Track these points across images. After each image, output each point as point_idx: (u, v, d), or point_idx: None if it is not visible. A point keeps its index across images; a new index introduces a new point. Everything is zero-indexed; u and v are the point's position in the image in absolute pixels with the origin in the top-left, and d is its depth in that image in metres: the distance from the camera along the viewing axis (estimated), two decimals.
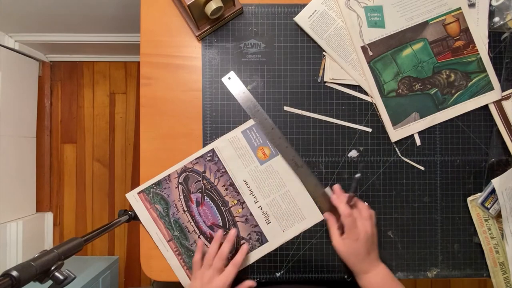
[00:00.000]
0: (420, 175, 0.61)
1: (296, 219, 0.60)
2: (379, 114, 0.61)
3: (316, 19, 0.60)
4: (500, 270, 0.60)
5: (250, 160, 0.60)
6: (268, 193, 0.60)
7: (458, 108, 0.61)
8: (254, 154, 0.59)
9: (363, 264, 0.53)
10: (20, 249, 1.25)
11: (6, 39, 1.23)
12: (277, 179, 0.60)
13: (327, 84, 0.61)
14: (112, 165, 1.48)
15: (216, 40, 0.61)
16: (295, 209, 0.60)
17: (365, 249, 0.52)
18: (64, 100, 1.49)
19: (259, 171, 0.60)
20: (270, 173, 0.60)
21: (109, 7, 1.03)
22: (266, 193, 0.60)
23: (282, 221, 0.60)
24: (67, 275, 0.41)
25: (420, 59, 0.60)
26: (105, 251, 1.46)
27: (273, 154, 0.60)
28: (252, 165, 0.60)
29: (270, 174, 0.60)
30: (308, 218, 0.60)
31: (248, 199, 0.59)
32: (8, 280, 0.34)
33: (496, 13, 0.60)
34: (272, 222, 0.59)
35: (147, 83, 0.61)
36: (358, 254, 0.52)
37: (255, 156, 0.60)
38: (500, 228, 0.60)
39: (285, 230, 0.59)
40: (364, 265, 0.53)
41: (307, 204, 0.59)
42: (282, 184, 0.60)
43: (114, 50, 1.40)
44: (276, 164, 0.60)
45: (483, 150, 0.61)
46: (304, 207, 0.60)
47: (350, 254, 0.53)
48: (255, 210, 0.59)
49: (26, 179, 1.37)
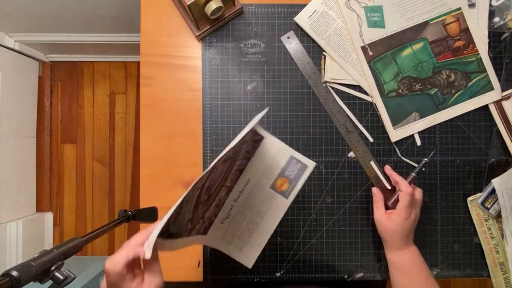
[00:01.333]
0: (420, 175, 0.61)
1: (238, 243, 0.58)
2: (379, 114, 0.61)
3: (316, 19, 0.60)
4: (500, 270, 0.60)
5: (268, 176, 0.59)
6: (247, 205, 0.58)
7: (458, 108, 0.61)
8: (275, 177, 0.58)
9: (401, 241, 0.54)
10: (20, 249, 1.25)
11: (6, 39, 1.23)
12: (264, 209, 0.59)
13: (327, 84, 0.61)
14: (112, 165, 1.49)
15: (216, 40, 0.61)
16: (245, 237, 0.58)
17: (410, 229, 0.54)
18: (64, 100, 1.49)
19: (262, 191, 0.59)
20: (266, 201, 0.59)
21: (109, 7, 1.03)
22: (245, 204, 0.58)
23: (228, 232, 0.58)
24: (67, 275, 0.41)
25: (420, 59, 0.60)
26: (105, 251, 1.46)
27: (284, 194, 0.59)
28: (264, 181, 0.59)
29: (266, 202, 0.59)
30: (243, 253, 0.58)
31: (234, 192, 0.57)
32: (8, 280, 0.34)
33: (496, 13, 0.60)
34: (224, 225, 0.57)
35: (147, 83, 0.61)
36: (402, 232, 0.53)
37: (274, 180, 0.59)
38: (500, 228, 0.60)
39: (222, 239, 0.58)
40: (401, 242, 0.54)
41: (254, 249, 0.58)
42: (261, 215, 0.58)
43: (114, 50, 1.40)
44: (277, 204, 0.59)
45: (483, 150, 0.61)
46: (250, 247, 0.58)
47: (393, 231, 0.53)
48: (228, 203, 0.57)
49: (26, 179, 1.37)
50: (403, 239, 0.53)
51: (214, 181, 0.52)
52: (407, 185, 0.54)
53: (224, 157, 0.47)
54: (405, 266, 0.53)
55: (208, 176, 0.48)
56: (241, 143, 0.49)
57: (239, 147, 0.51)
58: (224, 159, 0.48)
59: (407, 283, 0.53)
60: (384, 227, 0.54)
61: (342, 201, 0.60)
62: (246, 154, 0.56)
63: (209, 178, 0.50)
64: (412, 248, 0.55)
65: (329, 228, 0.61)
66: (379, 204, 0.56)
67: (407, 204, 0.53)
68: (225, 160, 0.50)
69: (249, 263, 0.57)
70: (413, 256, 0.54)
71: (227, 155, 0.48)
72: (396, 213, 0.53)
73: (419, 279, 0.53)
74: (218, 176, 0.53)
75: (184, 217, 0.48)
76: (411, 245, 0.55)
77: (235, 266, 0.60)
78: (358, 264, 0.60)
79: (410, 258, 0.54)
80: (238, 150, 0.52)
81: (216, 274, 0.60)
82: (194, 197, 0.48)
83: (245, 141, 0.51)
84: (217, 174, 0.52)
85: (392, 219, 0.53)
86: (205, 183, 0.49)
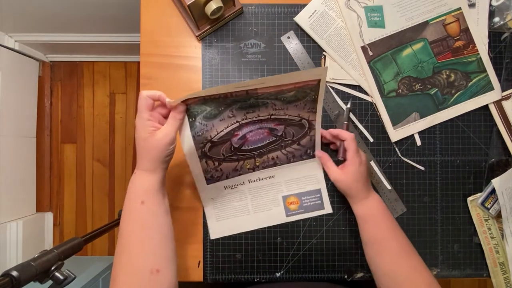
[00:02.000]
0: (420, 175, 0.61)
1: (220, 213, 0.60)
2: (379, 114, 0.61)
3: (316, 19, 0.60)
4: (500, 270, 0.60)
5: (288, 187, 0.60)
6: (253, 193, 0.60)
7: (458, 108, 0.61)
8: (292, 192, 0.60)
9: (364, 189, 0.53)
10: (20, 249, 1.25)
11: (6, 39, 1.23)
12: (263, 207, 0.60)
13: (327, 84, 0.61)
14: (112, 165, 1.49)
15: (216, 40, 0.61)
16: (229, 214, 0.60)
17: (366, 173, 0.54)
18: (64, 100, 1.49)
19: (275, 194, 0.60)
20: (270, 203, 0.61)
21: (109, 7, 1.03)
22: (253, 191, 0.60)
23: (220, 199, 0.60)
24: (67, 275, 0.41)
25: (420, 59, 0.60)
26: (105, 251, 1.46)
27: (287, 211, 0.60)
28: (282, 188, 0.60)
29: (269, 204, 0.60)
30: (216, 224, 0.60)
31: (255, 174, 0.59)
32: (8, 280, 0.34)
33: (496, 13, 0.60)
34: (224, 191, 0.59)
35: (147, 83, 0.61)
36: (361, 178, 0.53)
37: (290, 194, 0.60)
38: (500, 228, 0.60)
39: (212, 199, 0.60)
40: (364, 190, 0.53)
41: (225, 228, 0.60)
42: (256, 209, 0.60)
43: (114, 50, 1.40)
44: (275, 213, 0.60)
45: (483, 150, 0.61)
46: (225, 224, 0.60)
47: (354, 181, 0.53)
48: (243, 178, 0.59)
49: (26, 179, 1.37)
50: (365, 186, 0.53)
51: (252, 140, 0.55)
52: (347, 132, 0.54)
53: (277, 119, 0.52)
54: (372, 215, 0.53)
55: (253, 125, 0.53)
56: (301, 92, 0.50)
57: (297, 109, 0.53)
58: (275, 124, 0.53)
59: (376, 233, 0.52)
60: (345, 181, 0.53)
61: (342, 201, 0.60)
62: (292, 143, 0.57)
63: (252, 131, 0.54)
64: (375, 195, 0.55)
65: (329, 228, 0.61)
66: (329, 164, 0.56)
67: (356, 149, 0.53)
68: (272, 128, 0.54)
69: (213, 234, 0.60)
70: (378, 203, 0.54)
71: (281, 121, 0.53)
72: (349, 162, 0.53)
73: (388, 228, 0.52)
74: (258, 141, 0.55)
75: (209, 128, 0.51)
76: (373, 193, 0.55)
77: (235, 266, 0.60)
78: (358, 264, 0.60)
79: (376, 205, 0.53)
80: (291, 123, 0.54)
81: (216, 274, 0.60)
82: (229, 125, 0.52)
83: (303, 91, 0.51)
84: (259, 138, 0.55)
85: (348, 171, 0.53)
86: (245, 134, 0.53)
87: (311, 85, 0.49)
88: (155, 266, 0.42)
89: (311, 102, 0.52)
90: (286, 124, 0.54)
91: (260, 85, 0.46)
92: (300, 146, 0.58)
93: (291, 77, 0.46)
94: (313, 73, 0.47)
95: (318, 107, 0.52)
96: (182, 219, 0.60)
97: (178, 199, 0.60)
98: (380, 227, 0.52)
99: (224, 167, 0.57)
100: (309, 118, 0.54)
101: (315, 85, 0.49)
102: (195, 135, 0.50)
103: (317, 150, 0.58)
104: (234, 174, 0.58)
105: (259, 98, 0.49)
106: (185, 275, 0.60)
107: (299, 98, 0.51)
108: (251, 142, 0.55)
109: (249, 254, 0.60)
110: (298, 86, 0.48)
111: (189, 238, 0.60)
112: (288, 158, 0.59)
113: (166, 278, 0.43)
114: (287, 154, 0.58)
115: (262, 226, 0.60)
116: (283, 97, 0.50)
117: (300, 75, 0.46)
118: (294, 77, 0.46)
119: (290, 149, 0.58)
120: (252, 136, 0.55)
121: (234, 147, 0.54)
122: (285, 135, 0.56)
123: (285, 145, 0.57)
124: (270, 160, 0.58)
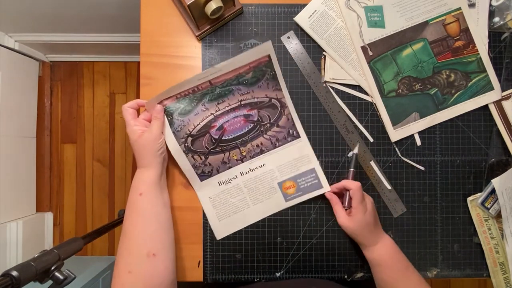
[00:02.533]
0: (420, 175, 0.61)
1: (221, 212, 0.60)
2: (379, 114, 0.61)
3: (316, 19, 0.60)
4: (500, 270, 0.60)
5: (282, 172, 0.60)
6: (249, 185, 0.60)
7: (458, 108, 0.61)
8: (288, 177, 0.59)
9: (372, 235, 0.54)
10: (20, 249, 1.25)
11: (6, 39, 1.23)
12: (261, 197, 0.60)
13: (327, 84, 0.61)
14: (112, 165, 1.49)
15: (216, 40, 0.61)
16: (230, 211, 0.60)
17: (373, 220, 0.54)
18: (64, 100, 1.49)
19: (270, 181, 0.60)
20: (267, 192, 0.60)
21: (109, 7, 1.03)
22: (247, 183, 0.60)
23: (218, 198, 0.60)
24: (67, 275, 0.41)
25: (420, 59, 0.60)
26: (105, 251, 1.46)
27: (286, 197, 0.60)
28: (277, 174, 0.60)
29: (266, 193, 0.60)
30: (219, 223, 0.60)
31: (245, 165, 0.59)
32: (8, 280, 0.34)
33: (496, 13, 0.60)
34: (219, 188, 0.60)
35: (147, 83, 0.61)
36: (369, 226, 0.54)
37: (285, 179, 0.59)
38: (500, 228, 0.60)
39: (210, 198, 0.60)
40: (373, 236, 0.54)
41: (229, 226, 0.61)
42: (254, 201, 0.60)
43: (114, 50, 1.40)
44: (274, 201, 0.60)
45: (483, 150, 0.61)
46: (228, 222, 0.60)
47: (361, 228, 0.54)
48: (235, 170, 0.59)
49: (26, 179, 1.37)
50: (372, 233, 0.54)
51: (231, 130, 0.58)
52: (353, 182, 0.55)
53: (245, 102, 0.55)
54: (384, 260, 0.54)
55: (227, 114, 0.56)
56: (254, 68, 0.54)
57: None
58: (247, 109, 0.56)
59: (389, 277, 0.53)
60: (351, 228, 0.54)
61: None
62: (272, 126, 0.58)
63: (229, 121, 0.57)
64: (386, 239, 0.55)
65: (329, 228, 0.61)
66: (337, 208, 0.57)
67: (360, 199, 0.53)
68: (247, 114, 0.57)
69: (219, 235, 0.60)
70: (389, 248, 0.54)
71: (249, 102, 0.56)
72: (354, 211, 0.54)
73: (399, 270, 0.53)
74: (237, 130, 0.58)
75: (186, 123, 0.56)
76: (383, 237, 0.55)
77: (235, 266, 0.60)
78: (358, 264, 0.60)
79: (386, 250, 0.54)
80: (260, 106, 0.57)
81: (216, 274, 0.60)
82: (204, 118, 0.56)
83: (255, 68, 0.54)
84: (237, 126, 0.58)
85: (354, 219, 0.54)
86: (222, 124, 0.57)
87: (264, 62, 0.54)
88: (151, 250, 0.47)
89: (272, 79, 0.55)
90: (258, 108, 0.57)
91: (219, 72, 0.52)
92: (280, 128, 0.59)
93: (242, 58, 0.51)
94: (259, 49, 0.52)
95: (280, 83, 0.56)
96: (182, 219, 0.60)
97: (178, 199, 0.60)
98: (392, 270, 0.53)
99: (212, 160, 0.59)
100: (277, 97, 0.57)
101: (267, 61, 0.54)
102: (175, 131, 0.55)
103: (326, 192, 0.59)
104: (224, 167, 0.59)
105: (224, 86, 0.54)
106: (185, 275, 0.60)
107: (259, 78, 0.55)
108: (230, 132, 0.58)
109: (249, 254, 0.60)
110: (252, 66, 0.53)
111: (189, 238, 0.60)
112: (273, 143, 0.59)
113: (162, 262, 0.48)
114: (270, 139, 0.59)
115: (264, 216, 0.60)
116: (244, 80, 0.54)
117: (248, 55, 0.52)
118: (245, 58, 0.52)
119: (272, 133, 0.59)
120: (229, 125, 0.58)
121: (214, 138, 0.58)
122: (262, 119, 0.58)
123: (265, 130, 0.58)
124: (255, 148, 0.59)
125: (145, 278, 0.46)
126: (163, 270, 0.48)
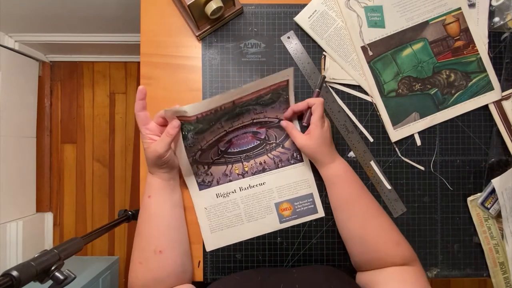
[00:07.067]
0: (420, 175, 0.61)
1: (214, 224, 0.60)
2: (379, 114, 0.61)
3: (316, 19, 0.60)
4: (500, 270, 0.60)
5: (280, 193, 0.60)
6: (246, 201, 0.60)
7: (458, 108, 0.61)
8: (285, 198, 0.60)
9: (329, 153, 0.54)
10: (20, 249, 1.25)
11: (6, 39, 1.23)
12: (256, 215, 0.60)
13: (327, 84, 0.61)
14: (112, 165, 1.49)
15: (216, 40, 0.61)
16: (223, 225, 0.60)
17: (330, 137, 0.55)
18: (64, 100, 1.49)
19: (267, 200, 0.60)
20: (263, 211, 0.60)
21: (109, 7, 1.03)
22: (245, 199, 0.60)
23: (214, 210, 0.60)
24: (67, 275, 0.41)
25: (420, 59, 0.60)
26: (105, 251, 1.46)
27: (281, 218, 0.60)
28: (275, 194, 0.60)
29: (262, 211, 0.60)
30: (211, 235, 0.60)
31: (245, 181, 0.59)
32: (8, 280, 0.34)
33: (496, 13, 0.60)
34: (216, 200, 0.59)
35: (147, 83, 0.61)
36: (326, 142, 0.54)
37: (283, 200, 0.60)
38: (500, 228, 0.60)
39: (206, 209, 0.60)
40: (331, 153, 0.55)
41: (221, 239, 0.60)
42: (249, 218, 0.60)
43: (114, 50, 1.40)
44: (269, 220, 0.60)
45: (483, 150, 0.61)
46: (220, 236, 0.60)
47: (320, 145, 0.54)
48: (234, 185, 0.59)
49: (26, 179, 1.37)
50: (330, 150, 0.54)
51: (238, 144, 0.59)
52: (317, 98, 0.55)
53: (258, 121, 0.56)
54: (340, 177, 0.54)
55: (238, 130, 0.57)
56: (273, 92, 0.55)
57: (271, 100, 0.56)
58: (257, 127, 0.57)
59: (344, 195, 0.53)
60: (310, 146, 0.54)
61: None
62: (277, 146, 0.59)
63: (237, 136, 0.58)
64: (342, 160, 0.56)
65: (329, 228, 0.61)
66: (294, 132, 0.56)
67: (321, 113, 0.53)
68: (255, 131, 0.58)
69: (209, 246, 0.60)
70: (345, 166, 0.55)
71: (263, 121, 0.57)
72: (313, 126, 0.53)
73: (355, 187, 0.54)
74: (244, 144, 0.59)
75: (200, 140, 0.55)
76: (339, 158, 0.56)
77: (235, 266, 0.60)
78: None
79: (343, 168, 0.54)
80: (271, 124, 0.58)
81: (216, 274, 0.60)
82: (218, 134, 0.56)
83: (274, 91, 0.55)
84: (244, 141, 0.59)
85: (313, 135, 0.53)
86: (231, 138, 0.58)
87: (282, 86, 0.54)
88: (158, 247, 0.51)
89: (285, 102, 0.56)
90: (267, 127, 0.58)
91: (244, 92, 0.51)
92: (285, 149, 0.59)
93: (266, 80, 0.51)
94: (283, 74, 0.52)
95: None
96: None
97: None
98: (349, 188, 0.54)
99: (214, 170, 0.59)
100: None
101: (285, 86, 0.55)
102: (187, 145, 0.54)
103: (282, 121, 0.58)
104: (224, 179, 0.59)
105: (243, 106, 0.54)
106: None
107: (274, 100, 0.56)
108: (237, 145, 0.59)
109: (249, 254, 0.60)
110: (272, 88, 0.53)
111: (189, 238, 0.60)
112: (276, 163, 0.59)
113: (170, 258, 0.52)
114: (274, 159, 0.59)
115: (257, 235, 0.60)
116: (262, 101, 0.55)
117: (272, 78, 0.52)
118: (269, 81, 0.52)
119: (276, 153, 0.59)
120: (237, 139, 0.58)
121: (221, 150, 0.58)
122: (268, 138, 0.59)
123: (270, 149, 0.59)
124: (258, 166, 0.59)
125: (153, 270, 0.51)
126: (171, 264, 0.52)
